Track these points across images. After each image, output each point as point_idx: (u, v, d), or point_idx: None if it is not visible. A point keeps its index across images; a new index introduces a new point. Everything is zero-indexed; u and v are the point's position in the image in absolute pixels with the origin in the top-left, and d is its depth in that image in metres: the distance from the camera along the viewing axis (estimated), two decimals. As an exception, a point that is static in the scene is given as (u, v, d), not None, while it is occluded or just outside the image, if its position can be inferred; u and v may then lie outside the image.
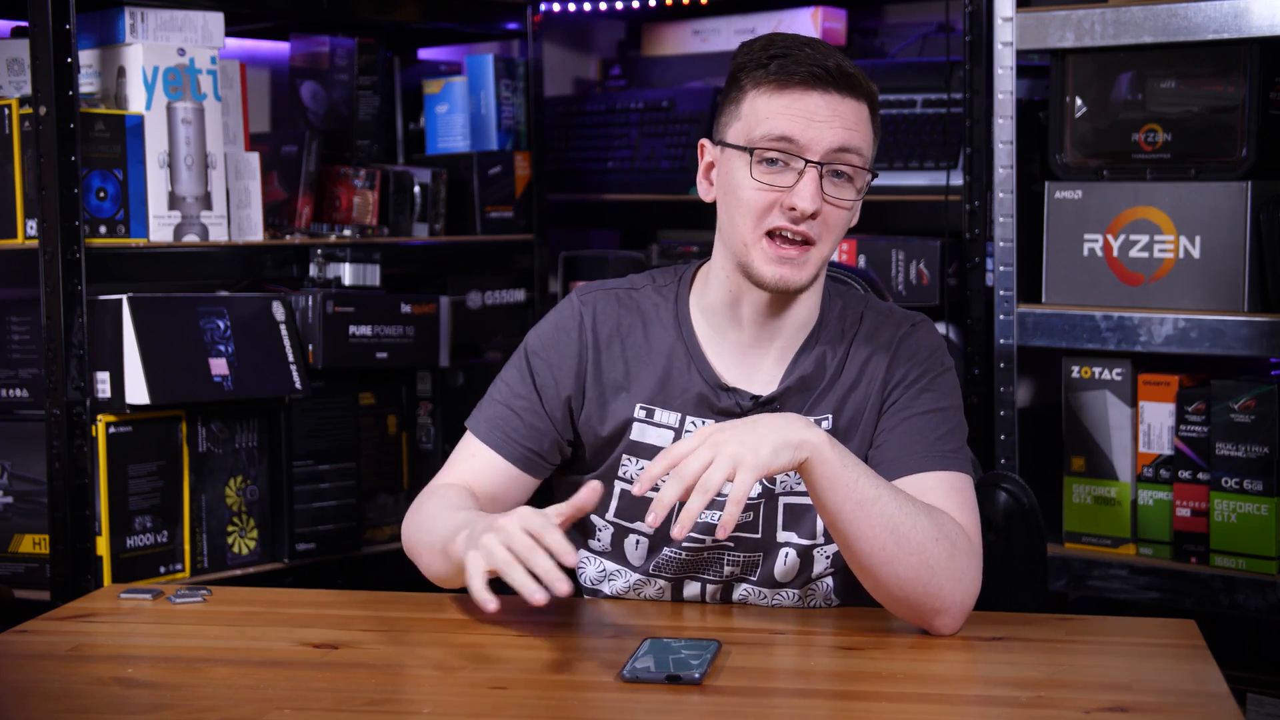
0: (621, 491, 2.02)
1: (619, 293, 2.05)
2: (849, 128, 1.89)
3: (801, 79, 1.87)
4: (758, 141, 1.89)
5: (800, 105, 1.88)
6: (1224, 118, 2.72)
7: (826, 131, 1.87)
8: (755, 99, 1.90)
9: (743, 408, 1.97)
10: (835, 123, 1.88)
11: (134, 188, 2.72)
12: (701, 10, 3.71)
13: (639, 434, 2.00)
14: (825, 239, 1.91)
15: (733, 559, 2.00)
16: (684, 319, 2.01)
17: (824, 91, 1.88)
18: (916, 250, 3.13)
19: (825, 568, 2.01)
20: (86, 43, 2.77)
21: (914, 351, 1.99)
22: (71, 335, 2.58)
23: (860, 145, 1.90)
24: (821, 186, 1.88)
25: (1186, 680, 1.71)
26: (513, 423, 2.01)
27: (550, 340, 2.03)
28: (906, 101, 3.25)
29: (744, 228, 1.91)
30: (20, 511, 2.69)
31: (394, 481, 3.14)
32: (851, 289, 2.09)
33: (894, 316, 2.03)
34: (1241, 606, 2.71)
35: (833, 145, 1.88)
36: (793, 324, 1.98)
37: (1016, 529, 2.28)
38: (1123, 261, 2.82)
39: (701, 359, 1.99)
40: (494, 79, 3.39)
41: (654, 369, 2.00)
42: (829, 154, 1.88)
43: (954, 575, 1.83)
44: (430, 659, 1.84)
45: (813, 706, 1.68)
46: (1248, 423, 2.70)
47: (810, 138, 1.87)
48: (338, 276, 2.97)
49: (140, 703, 1.68)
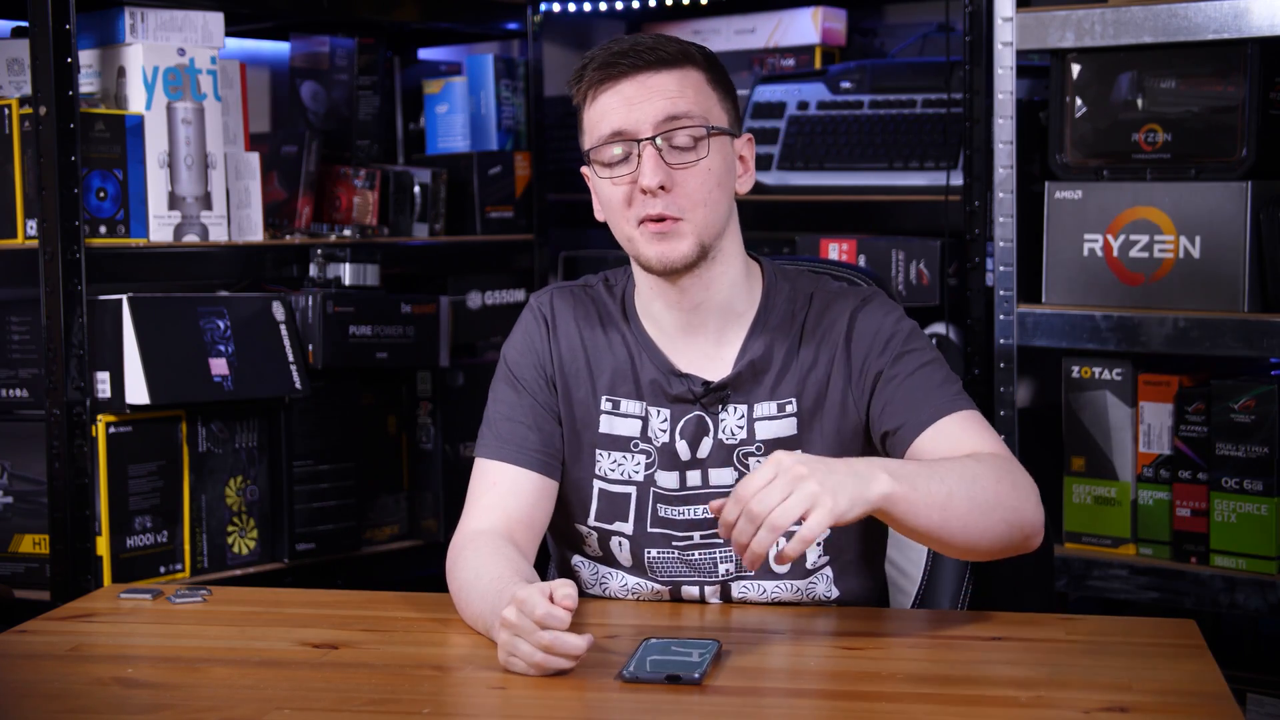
0: (599, 491, 2.02)
1: (573, 289, 2.09)
2: (671, 96, 1.91)
3: (608, 74, 1.93)
4: (595, 143, 1.94)
5: (617, 96, 1.92)
6: (1224, 118, 2.72)
7: (648, 108, 1.91)
8: (587, 111, 1.97)
9: (695, 393, 1.99)
10: (655, 97, 1.91)
11: (134, 188, 2.72)
12: (701, 10, 3.71)
13: (607, 426, 2.02)
14: (694, 208, 1.92)
15: (725, 555, 2.01)
16: (631, 312, 2.04)
17: (632, 75, 1.92)
18: (916, 250, 3.13)
19: (819, 555, 2.01)
20: (86, 43, 2.77)
21: (877, 323, 1.99)
22: (71, 335, 2.58)
23: (690, 109, 1.92)
24: (662, 159, 1.90)
25: (1186, 680, 1.71)
26: (520, 433, 2.02)
27: (523, 343, 2.06)
28: (906, 101, 3.25)
29: (620, 225, 1.95)
30: (20, 511, 2.69)
31: (394, 481, 3.15)
32: (801, 273, 2.08)
33: (845, 293, 2.03)
34: (1241, 606, 2.71)
35: (658, 118, 1.91)
36: (719, 305, 1.98)
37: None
38: (1123, 261, 2.82)
39: (652, 347, 2.01)
40: (494, 79, 3.39)
41: (611, 359, 2.03)
42: (659, 126, 1.91)
43: (1026, 496, 1.86)
44: (430, 659, 1.84)
45: (812, 706, 1.68)
46: (1248, 423, 2.70)
47: (634, 120, 1.91)
48: (338, 276, 2.97)
49: (140, 703, 1.68)
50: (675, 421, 2.00)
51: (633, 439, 2.01)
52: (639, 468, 2.01)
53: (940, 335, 3.11)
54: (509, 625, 1.72)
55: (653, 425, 2.01)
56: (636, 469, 2.01)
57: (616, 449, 2.02)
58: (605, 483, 2.02)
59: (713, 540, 2.00)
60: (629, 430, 2.01)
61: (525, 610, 1.70)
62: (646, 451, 2.01)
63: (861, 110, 3.28)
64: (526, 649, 1.70)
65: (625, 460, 2.02)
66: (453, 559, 1.97)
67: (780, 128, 3.35)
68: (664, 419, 2.00)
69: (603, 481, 2.02)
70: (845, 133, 3.29)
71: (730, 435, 1.99)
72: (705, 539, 2.00)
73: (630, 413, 2.02)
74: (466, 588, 1.90)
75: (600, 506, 2.03)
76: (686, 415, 2.00)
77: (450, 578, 1.96)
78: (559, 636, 1.69)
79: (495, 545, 1.94)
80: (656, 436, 2.00)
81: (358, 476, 3.02)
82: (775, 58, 3.62)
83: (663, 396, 2.00)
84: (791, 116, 3.36)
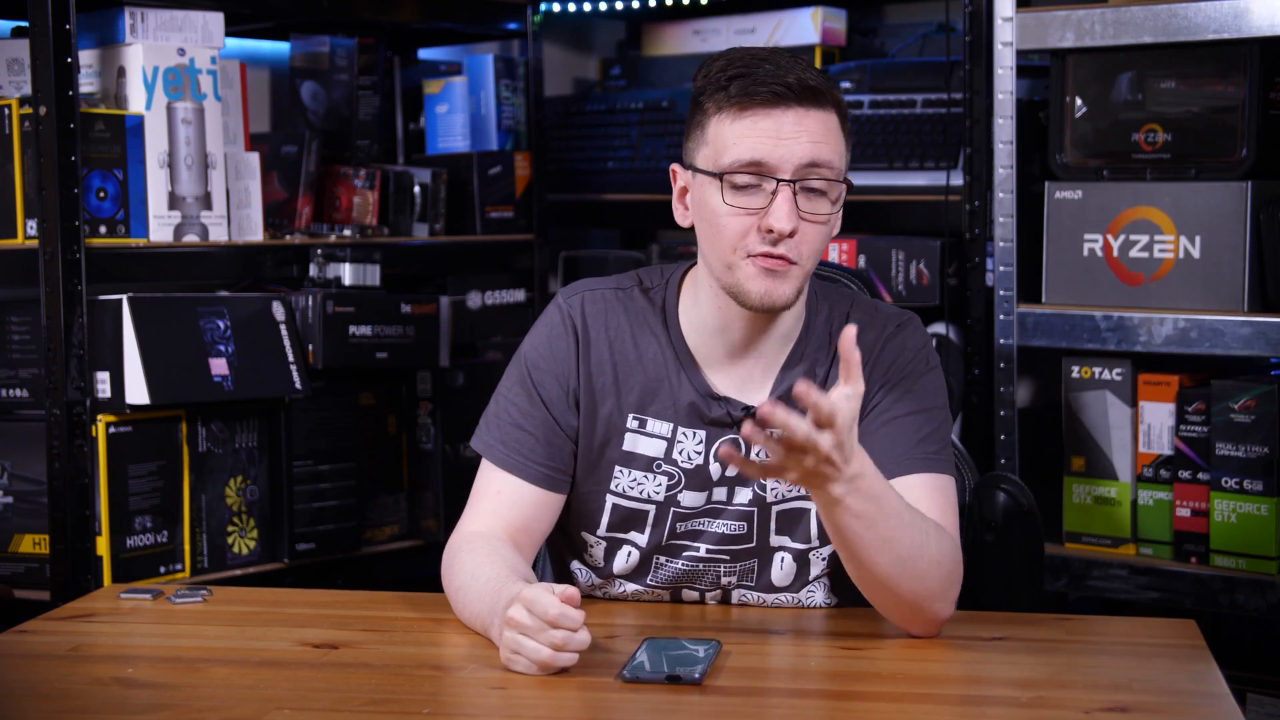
0: (613, 506, 2.00)
1: (605, 292, 2.02)
2: (817, 141, 1.85)
3: (763, 98, 1.84)
4: (727, 167, 1.86)
5: (765, 125, 1.85)
6: (1224, 118, 2.72)
7: (795, 148, 1.84)
8: (720, 123, 1.87)
9: (734, 418, 1.96)
10: (803, 138, 1.85)
11: (134, 188, 2.72)
12: (701, 10, 3.71)
13: (630, 444, 1.98)
14: (807, 256, 1.88)
15: (729, 569, 2.00)
16: (673, 325, 1.99)
17: (787, 108, 1.85)
18: (916, 250, 3.13)
19: (822, 569, 2.01)
20: (86, 43, 2.77)
21: (898, 354, 1.97)
22: (71, 335, 2.58)
23: (830, 158, 1.86)
24: (796, 204, 1.85)
25: (1186, 680, 1.71)
26: (528, 443, 1.98)
27: (546, 349, 2.00)
28: (906, 101, 3.25)
29: (724, 252, 1.88)
30: (20, 511, 2.69)
31: (394, 481, 3.15)
32: (839, 287, 2.06)
33: (879, 316, 2.00)
34: (1241, 606, 2.71)
35: (802, 161, 1.85)
36: (778, 335, 1.97)
37: (1015, 529, 2.28)
38: (1123, 261, 2.82)
39: (692, 367, 1.97)
40: (494, 79, 3.39)
41: (643, 376, 1.98)
42: (800, 170, 1.85)
43: (946, 592, 1.84)
44: (430, 659, 1.84)
45: (812, 707, 1.68)
46: (1248, 423, 2.70)
47: (779, 157, 1.84)
48: (338, 276, 2.97)
49: (140, 703, 1.68)
50: (710, 443, 1.97)
51: (656, 460, 1.97)
52: (660, 489, 1.98)
53: (940, 335, 3.11)
54: (516, 624, 1.71)
55: (685, 448, 1.97)
56: (658, 490, 1.98)
57: (638, 468, 1.98)
58: (621, 499, 1.99)
59: (719, 554, 2.00)
60: (653, 450, 1.98)
61: (536, 610, 1.69)
62: (670, 473, 1.97)
63: (861, 110, 3.28)
64: (533, 646, 1.69)
65: (646, 480, 1.98)
66: (449, 559, 1.95)
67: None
68: (699, 441, 1.97)
69: (618, 497, 2.00)
70: (845, 133, 3.28)
71: (763, 457, 1.96)
72: (711, 552, 2.00)
73: (656, 433, 1.98)
74: (464, 588, 1.89)
75: (613, 520, 2.00)
76: (722, 437, 1.96)
77: (447, 578, 1.95)
78: (570, 635, 1.69)
79: (492, 546, 1.93)
80: (689, 459, 1.97)
81: (358, 476, 3.02)
82: (775, 58, 3.61)
83: (699, 419, 1.97)
84: (791, 116, 3.35)
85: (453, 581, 1.92)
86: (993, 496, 2.29)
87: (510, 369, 2.03)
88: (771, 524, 1.98)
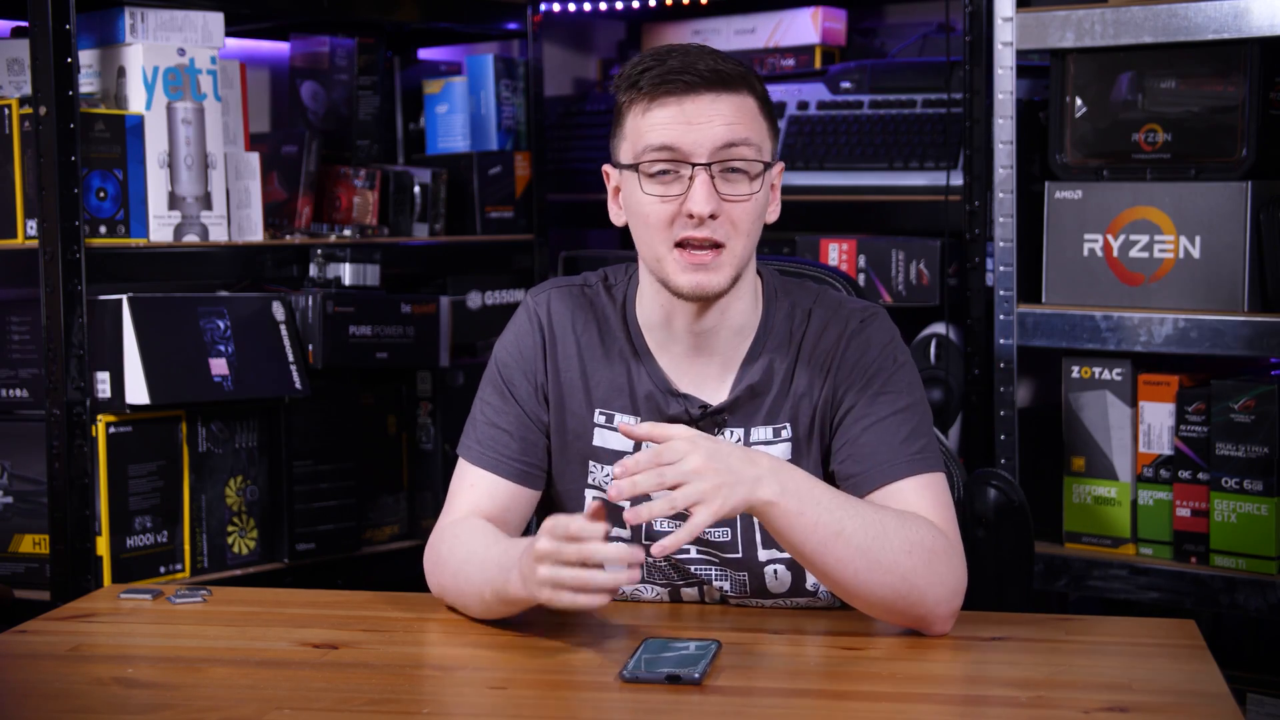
0: (592, 500, 2.00)
1: (572, 289, 2.04)
2: (731, 123, 1.87)
3: (672, 87, 1.87)
4: (643, 156, 1.88)
5: (675, 112, 1.87)
6: (1224, 118, 2.72)
7: (708, 131, 1.86)
8: (635, 116, 1.90)
9: (692, 415, 1.96)
10: (716, 122, 1.86)
11: (134, 188, 2.72)
12: (701, 10, 3.71)
13: (601, 439, 2.00)
14: (735, 238, 1.88)
15: (720, 575, 2.00)
16: (631, 321, 2.00)
17: (699, 94, 1.87)
18: (916, 250, 3.13)
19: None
20: (86, 43, 2.77)
21: (863, 352, 1.95)
22: (71, 335, 2.58)
23: (747, 136, 1.88)
24: (715, 187, 1.86)
25: (1186, 680, 1.71)
26: (502, 440, 2.00)
27: (514, 348, 2.02)
28: (906, 101, 3.25)
29: (653, 243, 1.90)
30: (20, 511, 2.69)
31: (394, 481, 3.14)
32: (803, 284, 2.05)
33: (843, 311, 1.99)
34: (1241, 606, 2.71)
35: (717, 144, 1.86)
36: (730, 329, 1.96)
37: (1006, 526, 2.28)
38: (1123, 261, 2.82)
39: (652, 362, 1.98)
40: (494, 79, 3.39)
41: (608, 372, 1.99)
42: (715, 153, 1.86)
43: (934, 581, 1.82)
44: (430, 659, 1.84)
45: (812, 707, 1.68)
46: (1248, 423, 2.70)
47: (692, 141, 1.86)
48: (338, 276, 2.97)
49: (140, 703, 1.68)
50: None
51: (624, 454, 1.97)
52: None
53: (940, 335, 3.11)
54: (546, 555, 1.72)
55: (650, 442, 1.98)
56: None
57: (609, 462, 1.99)
58: (600, 493, 2.00)
59: (709, 556, 1.99)
60: (622, 445, 1.98)
61: (558, 533, 1.71)
62: None
63: (861, 110, 3.28)
64: (570, 572, 1.70)
65: None
66: (436, 549, 1.96)
67: (780, 128, 3.35)
68: None
69: (597, 491, 2.00)
70: (845, 133, 3.29)
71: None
72: (701, 554, 2.00)
73: None
74: (468, 560, 1.89)
75: None
76: None
77: (438, 565, 1.95)
78: (597, 546, 1.70)
79: (481, 525, 1.94)
80: None
81: (358, 476, 3.02)
82: (775, 58, 3.62)
83: (658, 414, 1.97)
84: (792, 116, 3.36)
85: (449, 565, 1.92)
86: (984, 492, 2.29)
87: (486, 372, 2.06)
88: (757, 537, 1.97)
